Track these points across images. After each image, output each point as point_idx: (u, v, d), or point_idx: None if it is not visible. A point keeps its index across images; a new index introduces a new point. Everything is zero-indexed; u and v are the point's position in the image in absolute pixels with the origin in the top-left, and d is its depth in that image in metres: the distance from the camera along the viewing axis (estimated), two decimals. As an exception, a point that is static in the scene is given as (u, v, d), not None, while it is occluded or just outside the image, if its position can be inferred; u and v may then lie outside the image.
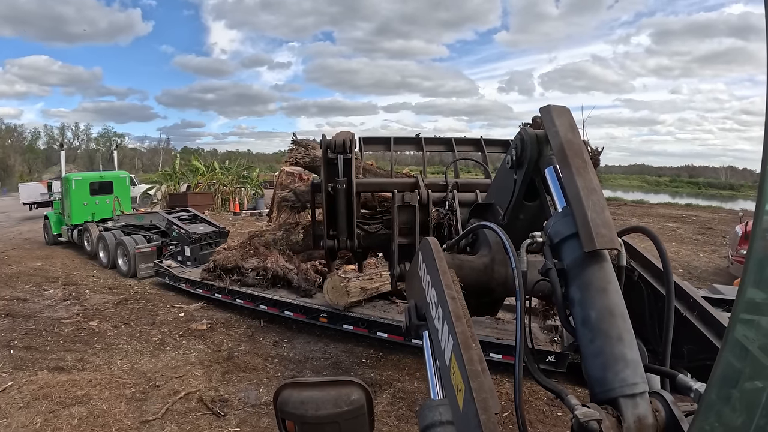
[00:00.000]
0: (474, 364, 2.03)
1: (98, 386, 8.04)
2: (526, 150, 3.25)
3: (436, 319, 2.51)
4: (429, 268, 2.76)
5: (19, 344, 10.16)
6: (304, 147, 10.11)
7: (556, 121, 2.93)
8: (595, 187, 2.55)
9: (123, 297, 13.44)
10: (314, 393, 2.13)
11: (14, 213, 40.41)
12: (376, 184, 6.88)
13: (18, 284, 15.28)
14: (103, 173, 22.98)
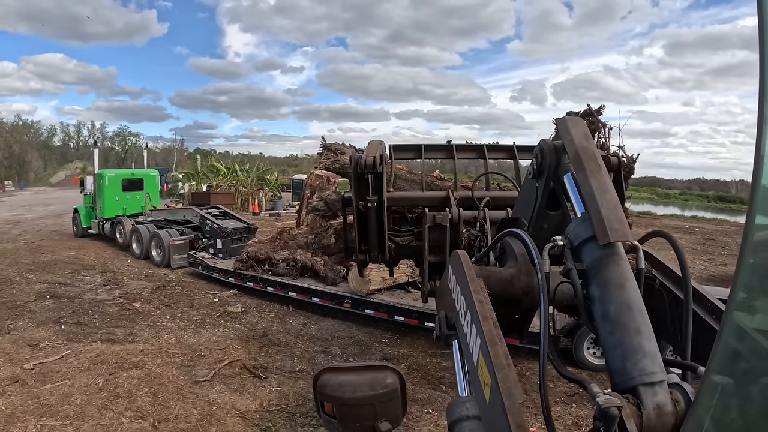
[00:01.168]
0: (500, 358, 2.12)
1: (150, 355, 9.29)
2: (545, 159, 3.41)
3: (465, 324, 2.61)
4: (458, 278, 2.87)
5: (68, 321, 11.46)
6: (333, 152, 11.22)
7: (571, 131, 3.18)
8: (609, 187, 2.73)
9: (160, 284, 14.82)
10: (351, 377, 2.51)
11: (35, 207, 41.95)
12: (407, 198, 6.64)
13: (56, 270, 16.70)
14: (135, 171, 24.50)
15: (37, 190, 75.72)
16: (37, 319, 11.56)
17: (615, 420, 1.72)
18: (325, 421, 2.61)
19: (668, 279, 3.37)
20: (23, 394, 7.66)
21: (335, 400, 2.47)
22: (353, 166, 5.64)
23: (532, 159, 3.63)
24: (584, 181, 2.80)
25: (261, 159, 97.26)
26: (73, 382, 8.13)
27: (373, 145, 6.15)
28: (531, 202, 3.66)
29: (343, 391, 2.44)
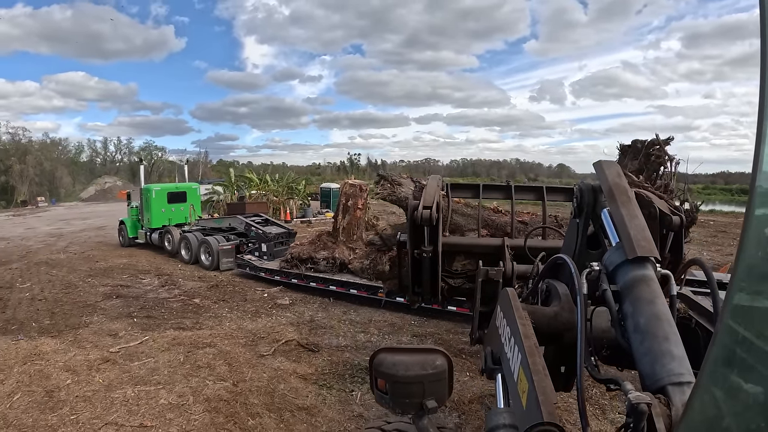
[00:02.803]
0: (537, 365, 2.31)
1: (218, 337, 11.09)
2: (584, 197, 3.69)
3: (508, 350, 2.76)
4: (505, 312, 3.03)
5: (139, 315, 13.39)
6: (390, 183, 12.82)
7: (606, 171, 3.52)
8: (637, 214, 3.06)
9: (213, 283, 16.86)
10: (404, 357, 2.76)
11: (72, 221, 44.10)
12: (461, 245, 6.60)
13: (114, 275, 18.75)
14: (178, 184, 26.66)
15: (69, 205, 78.30)
16: (110, 315, 13.47)
17: (644, 416, 1.83)
18: (377, 396, 2.93)
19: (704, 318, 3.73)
20: (116, 370, 9.40)
21: (389, 378, 2.78)
22: (409, 213, 5.55)
23: (573, 199, 3.99)
24: (616, 210, 3.15)
25: (284, 168, 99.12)
26: (157, 359, 9.89)
27: (431, 189, 5.98)
28: (573, 240, 3.93)
29: (397, 369, 2.76)
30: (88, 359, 9.92)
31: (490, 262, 6.00)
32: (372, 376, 2.91)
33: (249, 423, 7.35)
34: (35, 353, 10.26)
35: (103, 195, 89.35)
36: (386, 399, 2.87)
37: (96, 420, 7.47)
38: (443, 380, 2.83)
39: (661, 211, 4.45)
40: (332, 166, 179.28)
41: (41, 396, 8.32)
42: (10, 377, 9.06)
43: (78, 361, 9.84)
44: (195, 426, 7.24)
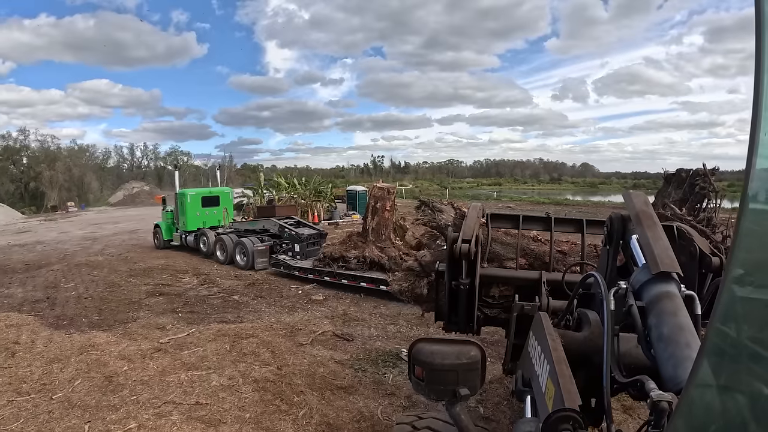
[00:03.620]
0: (562, 370, 2.47)
1: (259, 329, 12.00)
2: (614, 225, 3.93)
3: (539, 367, 2.90)
4: (537, 334, 3.16)
5: (182, 310, 14.39)
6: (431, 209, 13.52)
7: (634, 200, 3.75)
8: (661, 236, 3.23)
9: (249, 282, 17.94)
10: (441, 347, 2.93)
11: (104, 225, 45.50)
12: (499, 277, 6.51)
13: (154, 275, 19.87)
14: (212, 189, 28.06)
15: (99, 209, 79.95)
16: (155, 311, 14.48)
17: (665, 413, 1.90)
18: (414, 383, 3.08)
19: None
20: (168, 358, 10.32)
21: (426, 366, 2.94)
22: (448, 245, 5.56)
23: (604, 228, 4.20)
24: (642, 233, 3.34)
25: (308, 171, 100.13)
26: (205, 348, 10.80)
27: (471, 221, 6.00)
28: (605, 267, 4.08)
29: (434, 358, 2.92)
30: (140, 349, 10.85)
31: (527, 293, 6.06)
32: (410, 364, 3.08)
33: (294, 399, 8.26)
34: (89, 345, 11.21)
35: (131, 200, 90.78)
36: (422, 386, 3.03)
37: (155, 400, 8.35)
38: (476, 370, 3.00)
39: (701, 251, 4.42)
40: (356, 169, 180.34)
41: (101, 381, 9.21)
42: (69, 366, 10.00)
43: (131, 350, 10.77)
44: (246, 402, 8.14)
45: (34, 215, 75.65)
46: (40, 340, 11.84)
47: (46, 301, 16.52)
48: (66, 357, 10.54)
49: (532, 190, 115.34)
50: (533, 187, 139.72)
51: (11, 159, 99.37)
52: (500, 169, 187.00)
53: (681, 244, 4.51)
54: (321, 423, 7.59)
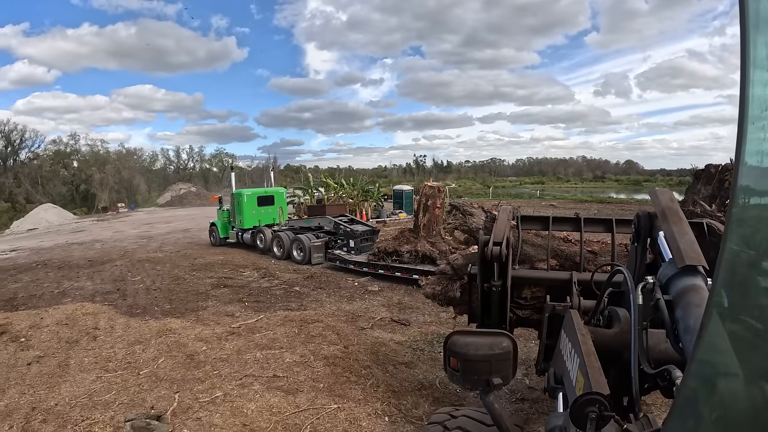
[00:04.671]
0: (591, 362, 2.60)
1: (322, 316, 13.06)
2: (641, 223, 4.03)
3: (569, 362, 3.03)
4: (568, 331, 3.28)
5: (248, 300, 15.54)
6: (462, 213, 14.18)
7: (660, 197, 3.86)
8: (687, 231, 3.32)
9: (308, 275, 19.06)
10: (475, 339, 3.07)
11: (156, 224, 47.20)
12: (530, 278, 6.58)
13: (215, 269, 21.16)
14: (267, 189, 29.65)
15: (148, 210, 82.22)
16: (222, 300, 15.67)
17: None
18: (450, 373, 3.16)
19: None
20: (242, 340, 11.39)
21: (460, 356, 3.02)
22: (480, 248, 5.63)
23: (632, 226, 4.33)
24: (668, 229, 3.42)
25: (350, 171, 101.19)
26: (275, 332, 11.85)
27: (502, 223, 6.01)
28: (633, 264, 4.18)
29: (468, 349, 3.00)
30: (215, 332, 11.97)
31: (558, 294, 6.16)
32: (446, 356, 3.16)
33: (362, 372, 9.27)
34: (166, 329, 12.38)
35: (179, 200, 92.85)
36: (457, 376, 3.11)
37: (235, 374, 9.42)
38: (508, 360, 3.06)
39: None
40: (398, 168, 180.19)
41: (183, 359, 10.33)
42: (150, 347, 11.16)
43: (207, 334, 11.89)
44: (319, 375, 9.17)
45: (86, 216, 78.27)
46: (118, 325, 13.07)
47: (117, 292, 17.82)
48: (146, 339, 11.72)
49: (575, 189, 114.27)
50: (576, 185, 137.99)
51: (62, 162, 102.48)
52: (543, 167, 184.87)
53: (711, 240, 4.59)
54: (387, 391, 8.59)
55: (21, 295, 18.16)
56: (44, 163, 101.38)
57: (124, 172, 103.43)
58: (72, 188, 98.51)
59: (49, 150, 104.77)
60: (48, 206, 79.10)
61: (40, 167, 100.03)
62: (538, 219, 7.17)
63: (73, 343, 11.79)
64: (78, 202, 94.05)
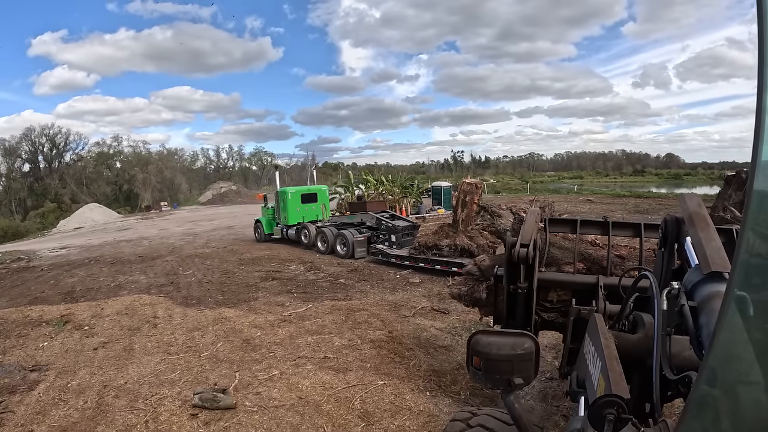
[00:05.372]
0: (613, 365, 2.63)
1: (367, 305, 13.99)
2: (668, 227, 4.01)
3: (592, 366, 3.09)
4: (591, 335, 3.34)
5: (296, 291, 16.55)
6: (490, 215, 14.69)
7: (688, 202, 3.87)
8: (714, 238, 3.32)
9: (351, 268, 20.07)
10: (498, 339, 3.08)
11: (200, 222, 48.54)
12: (556, 281, 6.61)
13: (263, 263, 22.33)
14: (310, 187, 30.82)
15: (190, 208, 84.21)
16: (272, 291, 16.72)
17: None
18: (472, 372, 3.13)
19: None
20: (293, 326, 12.36)
21: (483, 356, 3.00)
22: (507, 250, 5.61)
23: (659, 230, 4.33)
24: (695, 234, 3.40)
25: (388, 168, 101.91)
26: (324, 319, 12.80)
27: (529, 225, 5.95)
28: (659, 269, 4.14)
29: (490, 348, 2.98)
30: (268, 320, 12.99)
31: (584, 297, 6.11)
32: (468, 355, 3.12)
33: (405, 354, 10.16)
34: (222, 317, 13.43)
35: (220, 199, 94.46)
36: (479, 375, 3.08)
37: (289, 356, 10.39)
38: (530, 361, 3.04)
39: None
40: (436, 165, 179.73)
41: (240, 343, 11.35)
42: (208, 333, 12.20)
43: (260, 321, 12.92)
44: (366, 356, 10.09)
45: (130, 215, 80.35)
46: (176, 314, 14.18)
47: (171, 285, 18.98)
48: (203, 327, 12.76)
49: (614, 183, 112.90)
50: (615, 179, 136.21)
51: (106, 163, 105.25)
52: (581, 161, 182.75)
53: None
54: (428, 370, 9.46)
55: (79, 289, 19.44)
56: (88, 165, 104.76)
57: (166, 171, 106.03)
58: (115, 188, 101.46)
59: (93, 152, 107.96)
60: (93, 206, 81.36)
61: (84, 168, 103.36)
62: (566, 222, 7.09)
63: (134, 330, 12.88)
64: (121, 201, 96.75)
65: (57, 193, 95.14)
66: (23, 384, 9.84)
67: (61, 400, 8.97)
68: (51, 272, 24.21)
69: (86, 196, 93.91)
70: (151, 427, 7.79)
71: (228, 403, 8.22)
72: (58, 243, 40.69)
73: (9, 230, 66.82)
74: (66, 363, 10.84)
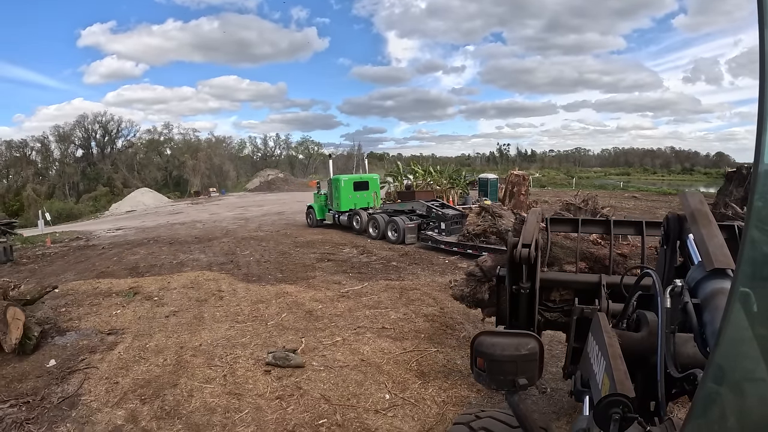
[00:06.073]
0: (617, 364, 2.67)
1: (419, 285, 15.01)
2: (671, 225, 4.05)
3: (596, 365, 3.12)
4: (595, 334, 3.39)
5: (351, 271, 17.67)
6: (491, 215, 15.27)
7: (689, 199, 3.93)
8: (716, 234, 3.37)
9: (402, 253, 21.16)
10: (502, 339, 3.15)
11: (249, 207, 50.11)
12: (559, 280, 6.58)
13: (317, 246, 23.59)
14: (362, 175, 32.17)
15: (238, 195, 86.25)
16: (328, 271, 17.83)
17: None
18: (476, 373, 3.21)
19: None
20: (351, 301, 13.43)
21: (487, 357, 3.08)
22: (509, 250, 5.56)
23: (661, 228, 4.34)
24: (697, 232, 3.44)
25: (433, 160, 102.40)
26: (379, 296, 13.85)
27: (531, 226, 5.95)
28: (662, 267, 4.16)
29: (494, 349, 3.07)
30: (327, 295, 14.10)
31: (587, 296, 6.13)
32: (472, 356, 3.16)
33: (456, 327, 11.16)
34: (283, 292, 14.59)
35: (267, 186, 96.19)
36: (483, 376, 3.13)
37: (350, 326, 11.46)
38: (534, 362, 3.08)
39: None
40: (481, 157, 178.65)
41: (303, 314, 12.45)
42: (272, 305, 13.35)
43: (320, 296, 14.03)
44: (420, 328, 11.11)
45: (179, 199, 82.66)
46: (239, 289, 15.38)
47: (231, 263, 20.22)
48: (267, 299, 13.91)
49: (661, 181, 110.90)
50: (663, 177, 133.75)
51: (156, 150, 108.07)
52: (629, 157, 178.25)
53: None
54: (478, 341, 10.41)
55: (142, 265, 20.87)
56: (139, 151, 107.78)
57: (215, 158, 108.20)
58: (165, 174, 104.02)
59: (143, 139, 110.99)
60: (144, 190, 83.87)
61: (136, 154, 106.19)
62: (568, 221, 7.17)
63: (202, 302, 14.06)
64: (171, 186, 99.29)
65: (109, 177, 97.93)
66: (102, 345, 10.91)
67: (141, 358, 10.03)
68: (112, 250, 25.84)
69: (137, 181, 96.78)
70: (229, 380, 8.82)
71: (298, 361, 9.28)
72: (113, 225, 42.56)
73: (63, 212, 69.08)
74: (140, 328, 11.94)
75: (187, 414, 7.68)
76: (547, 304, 6.61)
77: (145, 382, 8.89)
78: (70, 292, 15.57)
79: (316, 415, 7.53)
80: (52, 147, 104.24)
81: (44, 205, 65.53)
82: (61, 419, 7.66)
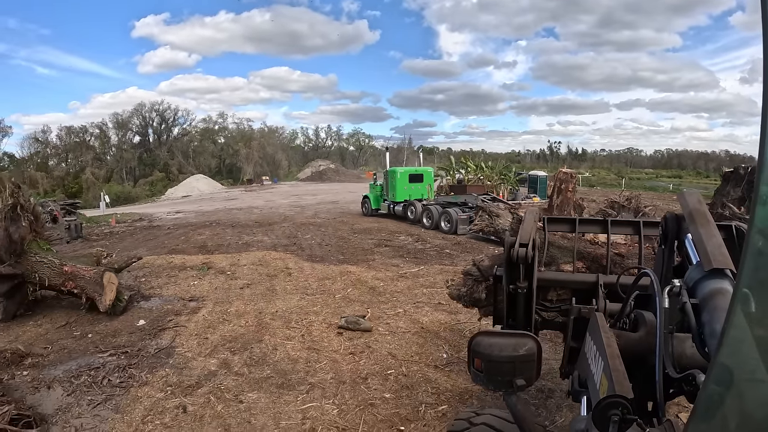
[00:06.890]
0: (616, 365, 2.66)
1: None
2: (668, 225, 4.11)
3: (594, 366, 3.07)
4: (593, 334, 3.34)
5: (407, 256, 19.07)
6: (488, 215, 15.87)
7: (688, 199, 3.95)
8: (715, 234, 3.36)
9: (455, 242, 22.58)
10: (499, 340, 3.19)
11: (303, 196, 51.69)
12: (556, 280, 6.45)
13: (373, 234, 25.00)
14: (417, 168, 33.58)
15: (290, 184, 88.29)
16: (386, 256, 19.24)
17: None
18: (473, 374, 3.27)
19: None
20: (409, 281, 14.78)
21: (485, 357, 3.14)
22: (506, 250, 5.42)
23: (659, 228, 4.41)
24: (695, 231, 3.47)
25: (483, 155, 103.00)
26: (434, 278, 15.13)
27: (528, 225, 5.84)
28: (660, 267, 4.15)
29: (492, 350, 3.13)
30: (387, 275, 15.51)
31: (584, 296, 6.01)
32: (469, 356, 3.20)
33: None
34: (347, 271, 16.04)
35: (318, 176, 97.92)
36: (481, 377, 3.17)
37: (409, 301, 12.82)
38: (532, 362, 3.13)
39: None
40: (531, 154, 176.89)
41: (366, 290, 13.86)
42: (337, 282, 14.78)
43: (380, 276, 15.45)
44: (474, 304, 12.43)
45: (232, 186, 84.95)
46: (305, 267, 16.88)
47: (294, 246, 21.75)
48: (333, 277, 15.34)
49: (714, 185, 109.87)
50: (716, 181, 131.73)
51: (211, 138, 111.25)
52: (682, 160, 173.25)
53: (740, 243, 4.33)
54: (525, 316, 11.71)
55: (210, 244, 22.61)
56: (194, 139, 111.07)
57: (268, 147, 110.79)
58: (219, 161, 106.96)
59: (198, 127, 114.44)
60: (199, 176, 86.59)
61: (191, 142, 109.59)
62: (565, 221, 7.02)
63: (272, 277, 15.52)
64: (224, 174, 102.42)
65: (165, 163, 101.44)
66: (186, 309, 12.21)
67: (225, 320, 11.38)
68: (178, 230, 27.74)
69: (192, 168, 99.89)
70: (306, 339, 10.22)
71: (367, 326, 10.71)
72: (171, 208, 44.71)
73: (122, 195, 72.16)
74: (219, 296, 13.34)
75: (273, 362, 9.07)
76: (545, 304, 6.50)
77: (233, 338, 10.26)
78: (146, 265, 16.96)
79: (385, 367, 8.89)
80: (110, 133, 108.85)
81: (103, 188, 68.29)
82: (160, 365, 9.00)
